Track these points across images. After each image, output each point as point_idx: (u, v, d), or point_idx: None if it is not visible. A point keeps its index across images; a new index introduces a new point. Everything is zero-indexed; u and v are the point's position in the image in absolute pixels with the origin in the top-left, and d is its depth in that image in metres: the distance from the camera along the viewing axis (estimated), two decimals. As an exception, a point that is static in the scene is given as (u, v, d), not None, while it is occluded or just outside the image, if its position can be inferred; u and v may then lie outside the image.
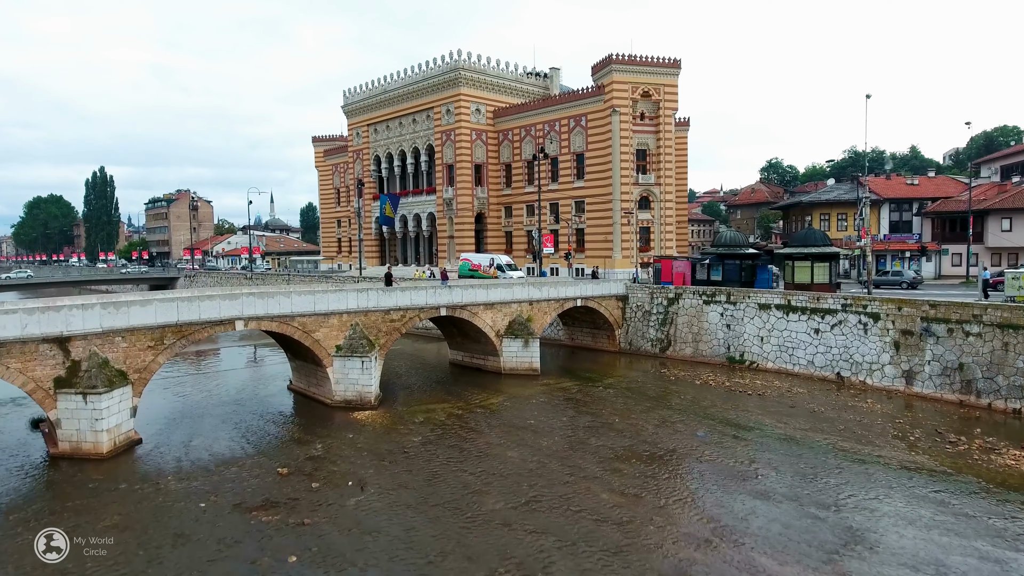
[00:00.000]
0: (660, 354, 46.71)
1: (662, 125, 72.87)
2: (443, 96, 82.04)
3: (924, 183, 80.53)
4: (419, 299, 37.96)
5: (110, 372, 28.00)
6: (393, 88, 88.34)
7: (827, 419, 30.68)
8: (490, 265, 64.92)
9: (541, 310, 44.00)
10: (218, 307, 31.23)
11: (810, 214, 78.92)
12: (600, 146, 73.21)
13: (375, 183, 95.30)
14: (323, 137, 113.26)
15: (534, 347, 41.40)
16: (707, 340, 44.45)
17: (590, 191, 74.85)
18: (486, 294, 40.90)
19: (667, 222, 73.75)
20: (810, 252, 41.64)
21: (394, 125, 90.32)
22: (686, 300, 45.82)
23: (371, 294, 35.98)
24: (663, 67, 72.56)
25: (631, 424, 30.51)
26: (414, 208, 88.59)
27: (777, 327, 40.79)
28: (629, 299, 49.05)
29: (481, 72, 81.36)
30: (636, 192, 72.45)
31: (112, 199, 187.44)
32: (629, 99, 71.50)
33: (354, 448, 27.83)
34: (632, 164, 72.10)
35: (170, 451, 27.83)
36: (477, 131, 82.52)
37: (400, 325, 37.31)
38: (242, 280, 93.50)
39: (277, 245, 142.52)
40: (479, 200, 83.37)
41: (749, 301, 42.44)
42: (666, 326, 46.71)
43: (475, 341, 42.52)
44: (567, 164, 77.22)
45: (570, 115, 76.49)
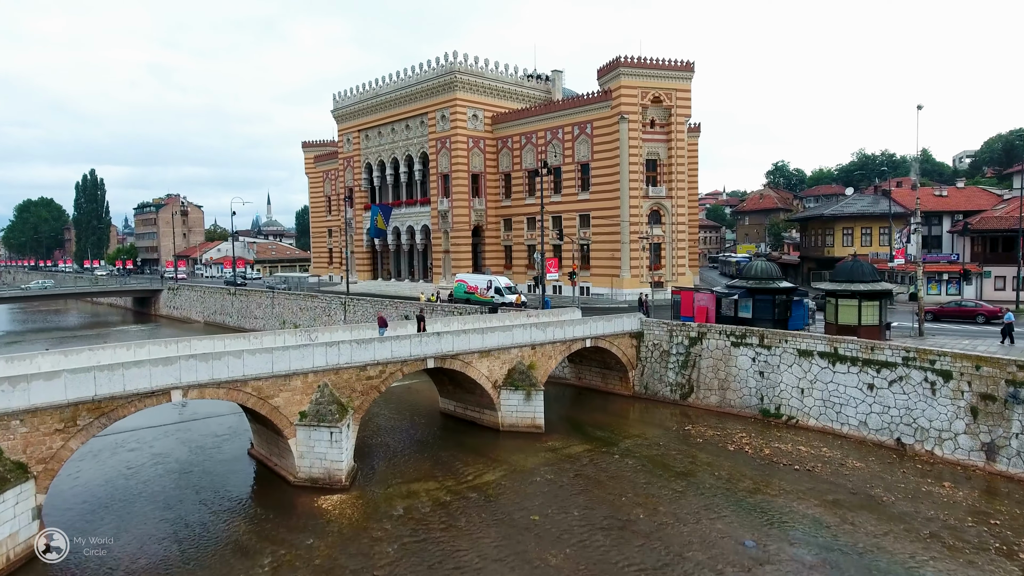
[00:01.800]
0: (681, 401, 40.52)
1: (674, 133, 66.59)
2: (438, 101, 75.73)
3: (954, 194, 74.29)
4: (401, 350, 31.72)
5: (2, 467, 21.85)
6: (385, 92, 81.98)
7: (902, 515, 24.47)
8: (488, 288, 58.72)
9: (545, 354, 37.80)
10: (149, 375, 25.00)
11: (832, 229, 72.64)
12: (607, 156, 66.95)
13: (366, 192, 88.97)
14: (313, 142, 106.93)
15: (537, 400, 35.20)
16: (736, 388, 38.25)
17: (596, 204, 68.57)
18: (481, 340, 34.67)
19: (679, 238, 67.48)
20: (858, 290, 35.41)
21: (386, 131, 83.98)
22: (711, 340, 39.60)
23: (343, 348, 29.73)
24: (675, 70, 66.26)
25: (659, 524, 24.28)
26: (407, 220, 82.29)
27: (821, 378, 34.59)
28: (644, 336, 42.84)
29: (478, 75, 75.05)
30: (646, 206, 66.18)
31: (103, 202, 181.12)
32: (638, 105, 65.22)
33: (310, 566, 21.63)
34: (642, 175, 65.84)
35: (84, 565, 21.72)
36: (474, 138, 76.21)
37: (379, 383, 31.10)
38: (225, 295, 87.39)
39: (268, 253, 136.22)
40: (476, 212, 77.09)
41: (787, 346, 36.23)
42: (688, 369, 40.51)
43: (469, 391, 36.35)
44: (571, 175, 70.95)
45: (574, 122, 70.18)
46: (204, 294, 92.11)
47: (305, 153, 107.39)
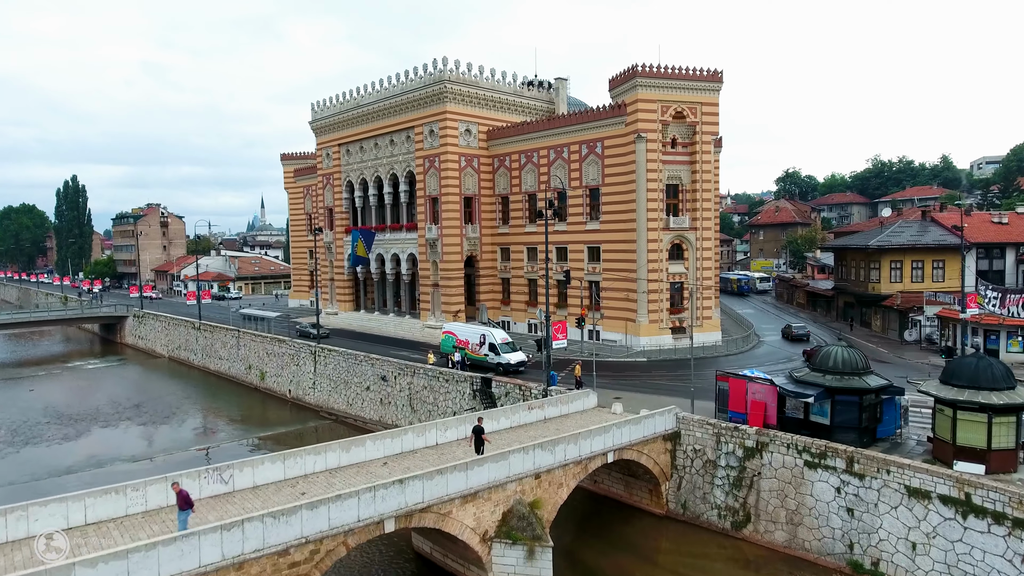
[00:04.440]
0: (732, 532, 29.98)
1: (699, 154, 55.89)
2: (425, 114, 64.96)
3: (1015, 221, 63.68)
4: (345, 514, 21.09)
5: None
6: (367, 103, 71.14)
7: None
8: (480, 343, 48.07)
9: (554, 483, 27.27)
10: None
11: (877, 262, 62.00)
12: (621, 179, 56.27)
13: (347, 214, 78.22)
14: (294, 154, 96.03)
15: (543, 561, 24.61)
16: (813, 526, 27.73)
17: (608, 236, 57.92)
18: (464, 479, 24.05)
19: (705, 275, 56.81)
20: (989, 403, 24.91)
21: (369, 147, 73.15)
22: (776, 455, 29.05)
23: (249, 528, 19.05)
24: (701, 80, 55.50)
25: None
26: (392, 247, 71.61)
27: (945, 534, 24.07)
28: (682, 438, 32.26)
29: (471, 84, 64.25)
30: (666, 239, 55.52)
31: (84, 210, 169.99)
32: (658, 121, 54.52)
33: None
34: (661, 203, 55.14)
35: None
36: (467, 156, 65.47)
37: (309, 569, 20.49)
38: (189, 329, 76.75)
39: (251, 268, 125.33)
40: (469, 241, 66.40)
41: (888, 478, 25.70)
42: (742, 490, 29.98)
43: (450, 537, 25.77)
44: (578, 200, 60.26)
45: (582, 139, 59.44)
46: (169, 326, 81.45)
47: (284, 166, 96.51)
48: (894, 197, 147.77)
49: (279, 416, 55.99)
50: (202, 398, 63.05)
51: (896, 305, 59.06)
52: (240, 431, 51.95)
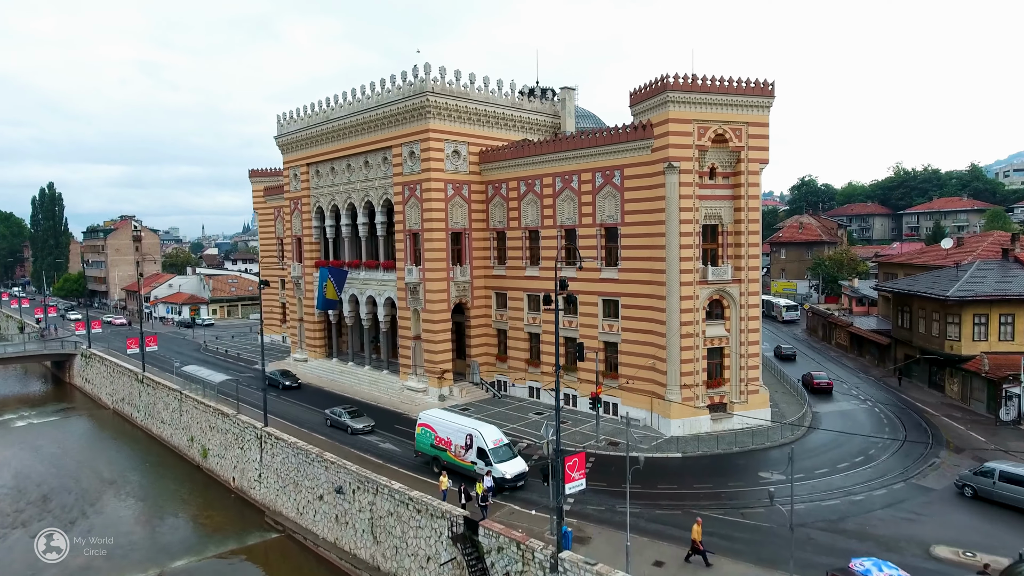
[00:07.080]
0: None
1: (745, 187, 43.51)
2: (405, 132, 52.48)
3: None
4: None
5: None
6: (338, 117, 58.58)
7: None
8: (466, 446, 35.59)
9: None
10: None
11: (957, 316, 49.53)
12: (646, 218, 43.94)
13: (318, 244, 65.83)
14: (263, 171, 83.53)
15: None
16: None
17: (629, 289, 45.61)
18: None
19: (751, 339, 44.45)
20: None
21: (341, 168, 60.64)
22: None
23: None
24: (747, 95, 43.09)
25: None
26: (367, 287, 59.21)
27: None
28: None
29: (460, 96, 51.72)
30: (704, 294, 43.17)
31: (61, 219, 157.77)
32: (694, 147, 42.13)
33: None
34: (697, 249, 42.75)
35: None
36: (455, 183, 52.99)
37: None
38: (133, 381, 64.38)
39: (227, 290, 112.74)
40: (458, 285, 53.93)
41: None
42: None
43: None
44: (591, 241, 47.84)
45: (596, 167, 47.01)
46: (113, 372, 69.09)
47: (253, 183, 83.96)
48: (920, 209, 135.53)
49: (219, 519, 43.68)
50: (132, 481, 50.47)
51: (984, 372, 46.69)
52: (156, 554, 38.56)
